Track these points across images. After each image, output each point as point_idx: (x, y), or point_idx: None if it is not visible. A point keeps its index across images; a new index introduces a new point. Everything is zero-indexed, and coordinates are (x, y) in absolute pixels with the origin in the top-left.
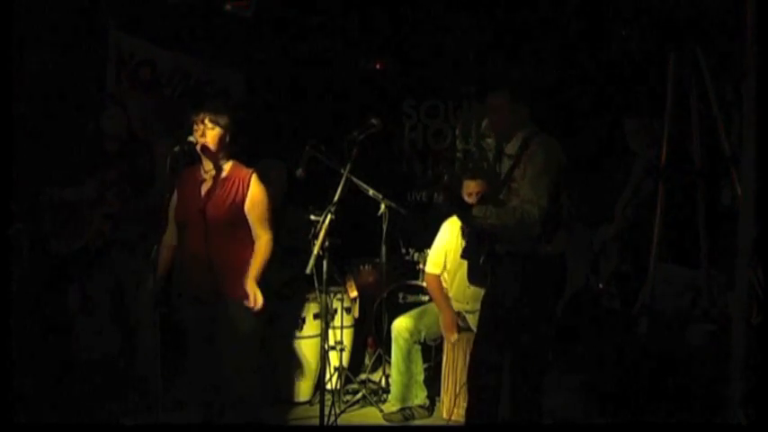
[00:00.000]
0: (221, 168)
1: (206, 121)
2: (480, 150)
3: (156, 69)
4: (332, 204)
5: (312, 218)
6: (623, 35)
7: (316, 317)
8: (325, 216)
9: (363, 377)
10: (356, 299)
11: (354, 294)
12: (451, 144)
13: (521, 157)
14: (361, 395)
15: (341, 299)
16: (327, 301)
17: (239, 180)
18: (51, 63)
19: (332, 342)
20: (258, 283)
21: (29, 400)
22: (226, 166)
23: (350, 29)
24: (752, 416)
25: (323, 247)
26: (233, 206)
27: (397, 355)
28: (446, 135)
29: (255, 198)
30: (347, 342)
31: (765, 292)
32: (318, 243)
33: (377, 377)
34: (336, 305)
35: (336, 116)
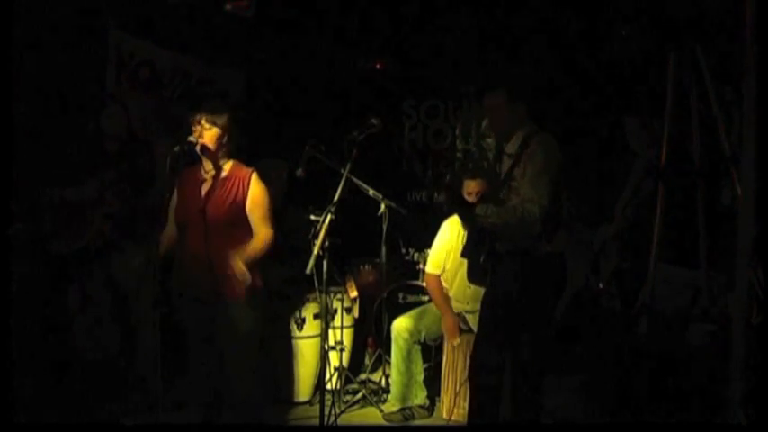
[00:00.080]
0: (221, 168)
1: (203, 121)
2: (480, 150)
3: (156, 69)
4: (332, 204)
5: (312, 218)
6: (623, 35)
7: (316, 317)
8: (325, 216)
9: (363, 377)
10: (356, 299)
11: (354, 294)
12: (451, 144)
13: (521, 156)
14: (361, 395)
15: (341, 299)
16: (327, 301)
17: (239, 180)
18: (51, 63)
19: (332, 342)
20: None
21: (29, 400)
22: (226, 165)
23: (350, 29)
24: (752, 416)
25: (323, 247)
26: (233, 206)
27: (397, 355)
28: (446, 135)
29: (256, 197)
30: (347, 342)
31: (765, 292)
32: (318, 243)
33: (377, 377)
34: (336, 305)
35: (336, 116)
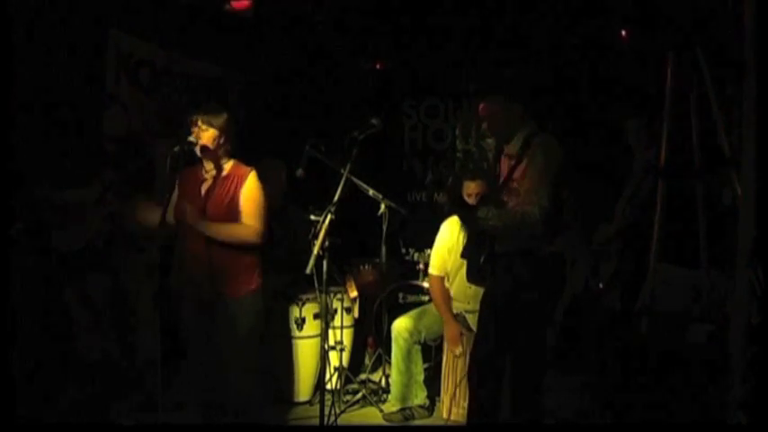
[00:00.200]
0: (222, 168)
1: (199, 122)
2: (480, 150)
3: (156, 69)
4: (332, 204)
5: (312, 218)
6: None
7: (316, 317)
8: (325, 216)
9: (363, 377)
10: (356, 299)
11: (354, 294)
12: (451, 144)
13: (522, 157)
14: (361, 395)
15: (341, 299)
16: (327, 301)
17: (237, 178)
18: (51, 63)
19: (332, 342)
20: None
21: (29, 400)
22: (226, 165)
23: (350, 29)
24: (752, 416)
25: (323, 247)
26: (231, 204)
27: (397, 355)
28: (446, 135)
29: (249, 193)
30: (347, 342)
31: (765, 292)
32: (318, 243)
33: (377, 377)
34: (336, 305)
35: (336, 116)
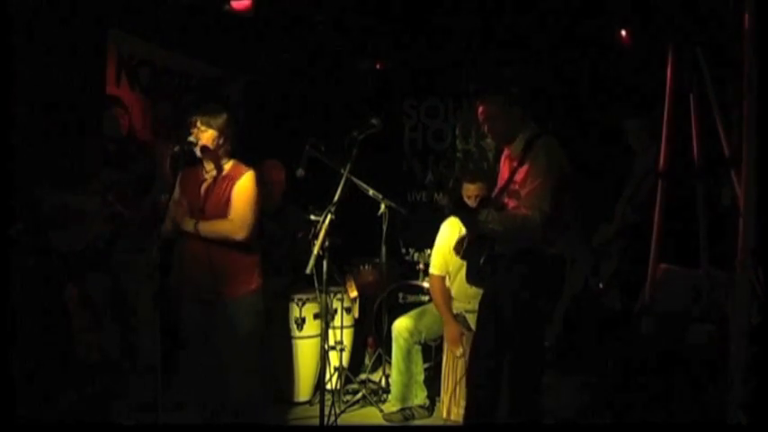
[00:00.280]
0: (222, 168)
1: (198, 123)
2: (480, 150)
3: (156, 69)
4: (332, 204)
5: (312, 218)
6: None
7: (316, 317)
8: (325, 216)
9: (363, 377)
10: (356, 299)
11: (354, 294)
12: (451, 144)
13: (523, 159)
14: (361, 395)
15: (341, 299)
16: (327, 301)
17: (235, 178)
18: (51, 63)
19: (332, 342)
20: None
21: (29, 400)
22: (226, 165)
23: (350, 29)
24: (752, 416)
25: (323, 247)
26: (227, 204)
27: (397, 355)
28: (446, 135)
29: (240, 189)
30: (347, 342)
31: (765, 293)
32: (318, 243)
33: (377, 377)
34: (336, 305)
35: (336, 116)
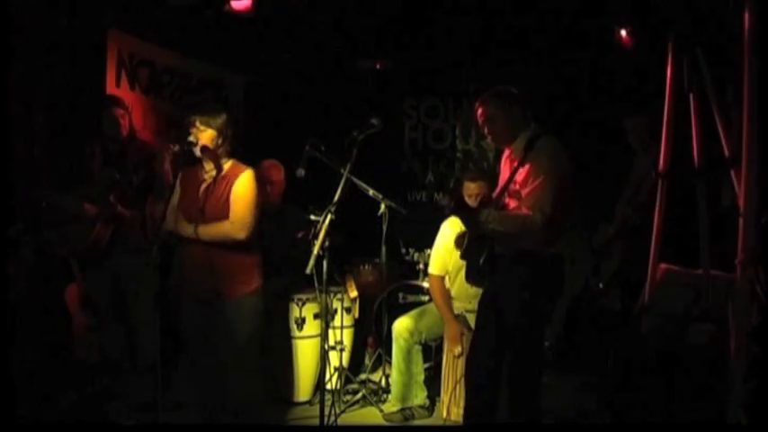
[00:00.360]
0: (221, 168)
1: (197, 123)
2: (480, 150)
3: (156, 69)
4: (332, 204)
5: (312, 218)
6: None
7: (316, 317)
8: (325, 216)
9: (363, 377)
10: (356, 299)
11: (354, 294)
12: (451, 144)
13: (524, 159)
14: (361, 395)
15: (341, 299)
16: (327, 301)
17: (234, 177)
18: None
19: (332, 342)
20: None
21: (29, 400)
22: (226, 165)
23: (350, 28)
24: (752, 416)
25: (323, 247)
26: (227, 204)
27: (397, 355)
28: (446, 135)
29: (239, 188)
30: (347, 342)
31: (766, 293)
32: (318, 243)
33: (377, 377)
34: (336, 305)
35: (336, 116)
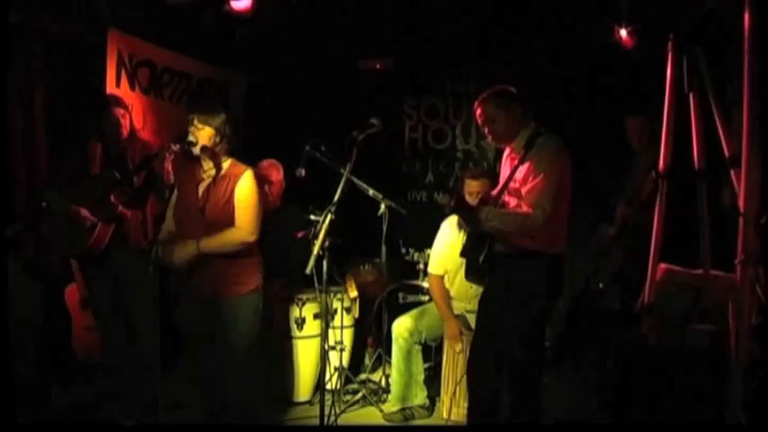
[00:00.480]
0: (220, 168)
1: (195, 121)
2: (480, 150)
3: (156, 69)
4: (332, 204)
5: (312, 218)
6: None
7: (316, 317)
8: (325, 216)
9: (363, 377)
10: (356, 299)
11: (354, 294)
12: (451, 144)
13: (525, 157)
14: (361, 395)
15: (341, 299)
16: (327, 301)
17: (233, 178)
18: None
19: (332, 342)
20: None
21: (29, 401)
22: (225, 165)
23: (350, 28)
24: (752, 416)
25: (323, 247)
26: (227, 204)
27: (397, 356)
28: (446, 135)
29: (242, 193)
30: (347, 342)
31: (766, 293)
32: (318, 243)
33: (377, 377)
34: (336, 305)
35: (336, 116)
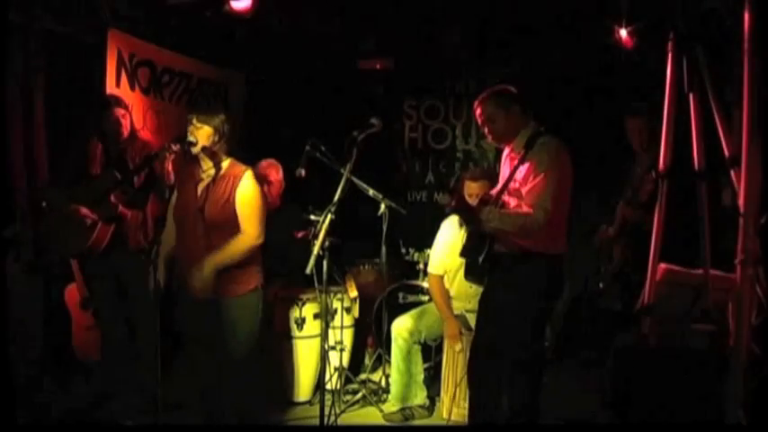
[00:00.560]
0: (220, 167)
1: (194, 121)
2: (480, 150)
3: (156, 69)
4: (332, 204)
5: (312, 218)
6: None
7: (316, 317)
8: (325, 216)
9: (363, 377)
10: (356, 299)
11: (354, 294)
12: (451, 144)
13: (525, 157)
14: (361, 395)
15: (341, 299)
16: (327, 301)
17: (233, 178)
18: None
19: (332, 342)
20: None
21: (29, 402)
22: (224, 164)
23: (350, 28)
24: (752, 416)
25: (323, 247)
26: (227, 205)
27: (397, 355)
28: (446, 135)
29: (244, 195)
30: (347, 342)
31: (766, 293)
32: (318, 243)
33: (377, 377)
34: (336, 305)
35: (336, 116)
